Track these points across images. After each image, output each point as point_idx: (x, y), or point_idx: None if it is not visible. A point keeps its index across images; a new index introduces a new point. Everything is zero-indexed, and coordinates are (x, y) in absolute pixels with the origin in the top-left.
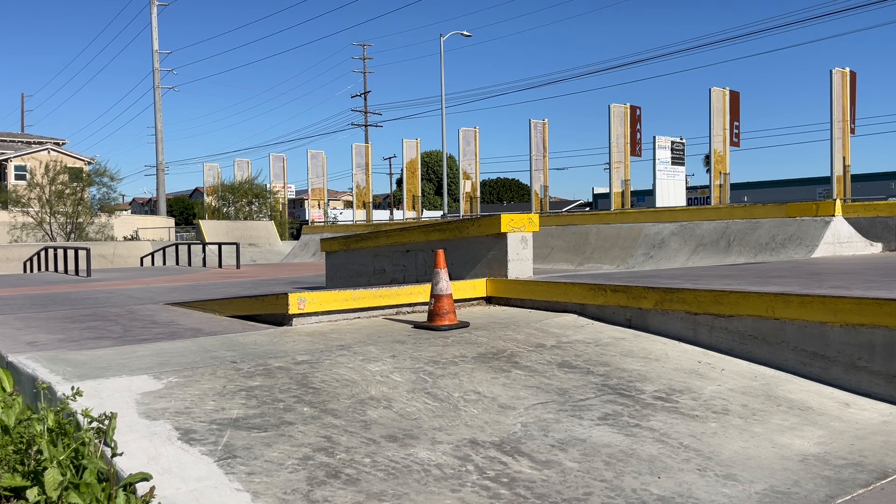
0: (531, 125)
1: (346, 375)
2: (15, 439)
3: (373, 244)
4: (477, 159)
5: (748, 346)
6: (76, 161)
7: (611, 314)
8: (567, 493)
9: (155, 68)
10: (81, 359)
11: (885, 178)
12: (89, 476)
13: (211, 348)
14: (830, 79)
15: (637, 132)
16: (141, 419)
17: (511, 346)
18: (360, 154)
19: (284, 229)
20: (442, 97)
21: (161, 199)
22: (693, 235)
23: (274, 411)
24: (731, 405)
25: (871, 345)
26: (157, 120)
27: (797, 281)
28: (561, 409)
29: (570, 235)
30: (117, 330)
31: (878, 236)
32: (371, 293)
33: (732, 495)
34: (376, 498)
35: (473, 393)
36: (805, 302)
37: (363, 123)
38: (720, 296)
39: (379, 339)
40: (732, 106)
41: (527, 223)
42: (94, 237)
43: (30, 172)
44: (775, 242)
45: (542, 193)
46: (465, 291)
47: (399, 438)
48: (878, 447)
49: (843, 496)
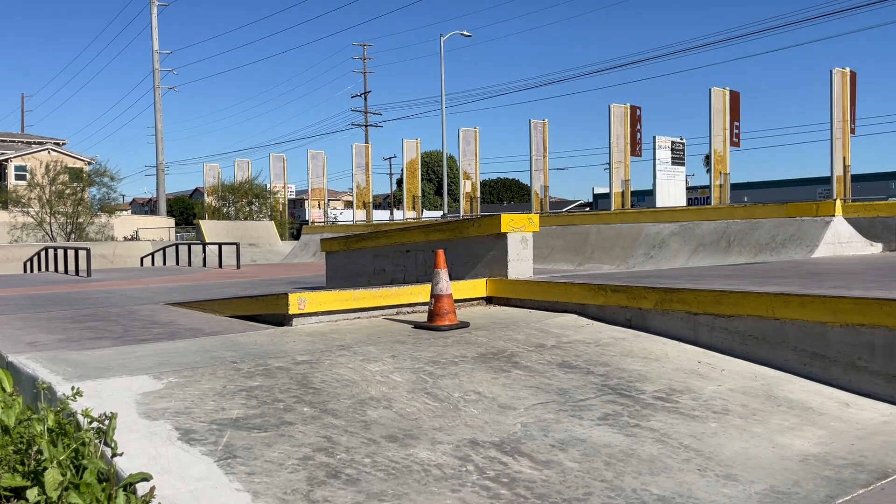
0: (531, 125)
1: (346, 375)
2: (15, 439)
3: (373, 244)
4: (477, 159)
5: (748, 347)
6: (76, 161)
7: (611, 314)
8: (567, 493)
9: (155, 68)
10: (81, 359)
11: (885, 178)
12: (89, 476)
13: (211, 348)
14: (830, 79)
15: (637, 132)
16: (141, 419)
17: (511, 346)
18: (360, 154)
19: (284, 229)
20: (442, 97)
21: (161, 200)
22: (693, 235)
23: (274, 411)
24: (732, 405)
25: (871, 345)
26: (157, 120)
27: (797, 281)
28: (561, 410)
29: (571, 235)
30: (117, 330)
31: (878, 236)
32: (371, 293)
33: (732, 495)
34: (376, 498)
35: (473, 393)
36: (805, 302)
37: (363, 123)
38: (720, 296)
39: (379, 339)
40: (732, 106)
41: (527, 223)
42: (94, 237)
43: (30, 172)
44: (775, 242)
45: (542, 193)
46: (465, 291)
47: (399, 438)
48: (879, 447)
49: (844, 496)
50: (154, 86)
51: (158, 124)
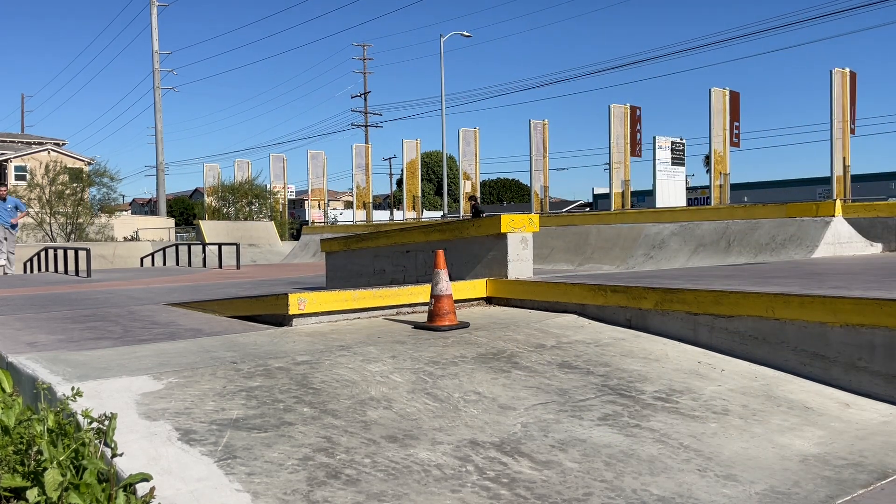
0: (531, 125)
1: (346, 376)
2: (15, 440)
3: (373, 245)
4: (477, 160)
5: (748, 347)
6: (76, 161)
7: (611, 314)
8: (567, 493)
9: (155, 69)
10: (81, 359)
11: (885, 178)
12: (89, 476)
13: (211, 349)
14: (830, 79)
15: (637, 132)
16: (141, 420)
17: (511, 346)
18: (360, 154)
19: (284, 230)
20: (442, 97)
21: (161, 200)
22: (693, 236)
23: (274, 412)
24: (732, 405)
25: (871, 345)
26: (157, 120)
27: (797, 281)
28: (561, 410)
29: (570, 236)
30: (117, 330)
31: (878, 237)
32: (371, 294)
33: (732, 496)
34: (376, 498)
35: (473, 393)
36: (805, 302)
37: (363, 124)
38: (720, 296)
39: (379, 339)
40: (732, 106)
41: (527, 223)
42: (94, 238)
43: (30, 173)
44: (775, 243)
45: (542, 194)
46: (465, 292)
47: (399, 439)
48: (878, 447)
49: (844, 496)
50: (154, 86)
51: (158, 124)
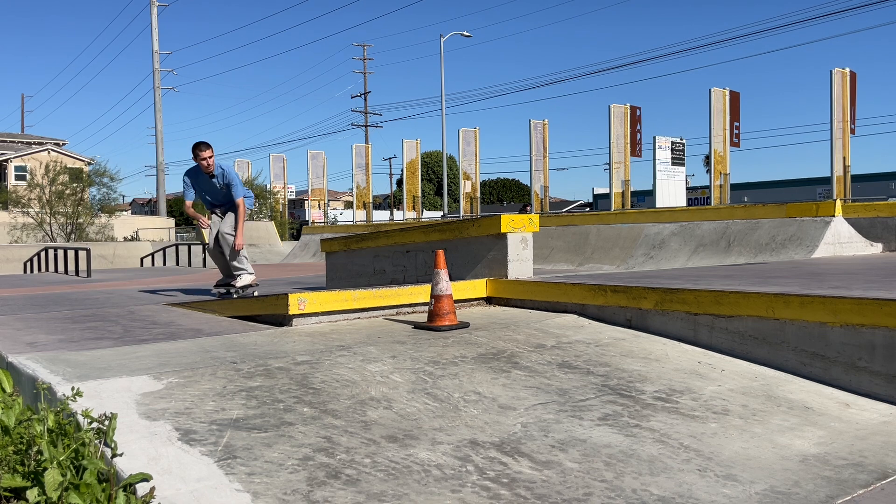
0: (531, 125)
1: (346, 376)
2: (15, 440)
3: (373, 245)
4: (477, 160)
5: (748, 347)
6: (76, 161)
7: (611, 314)
8: (567, 493)
9: (155, 69)
10: (81, 359)
11: (885, 178)
12: (89, 476)
13: (211, 349)
14: (830, 79)
15: (637, 132)
16: (141, 420)
17: (511, 346)
18: (360, 154)
19: (284, 230)
20: (442, 97)
21: (161, 200)
22: (693, 236)
23: (274, 412)
24: (732, 405)
25: (872, 345)
26: (157, 120)
27: (797, 281)
28: (561, 410)
29: (570, 236)
30: (117, 330)
31: (878, 237)
32: (371, 294)
33: (732, 496)
34: (376, 498)
35: (473, 393)
36: (805, 302)
37: (363, 124)
38: (720, 296)
39: (379, 339)
40: (732, 106)
41: (527, 223)
42: (94, 238)
43: (30, 173)
44: (775, 243)
45: (542, 194)
46: (465, 292)
47: (399, 439)
48: (879, 447)
49: (844, 496)
50: (154, 86)
51: (158, 124)
